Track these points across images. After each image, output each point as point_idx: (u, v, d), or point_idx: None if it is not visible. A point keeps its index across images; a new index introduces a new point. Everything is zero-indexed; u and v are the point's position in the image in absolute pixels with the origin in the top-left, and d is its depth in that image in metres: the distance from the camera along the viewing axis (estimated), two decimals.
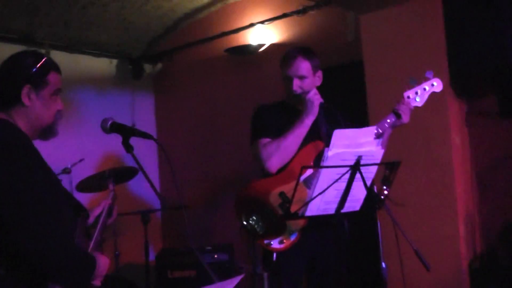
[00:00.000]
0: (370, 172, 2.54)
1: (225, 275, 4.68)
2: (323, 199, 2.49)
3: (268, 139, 2.94)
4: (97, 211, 2.44)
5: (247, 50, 5.10)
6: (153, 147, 6.14)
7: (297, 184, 2.40)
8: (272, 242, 2.86)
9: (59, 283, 1.96)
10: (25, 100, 2.08)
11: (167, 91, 6.13)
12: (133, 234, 5.47)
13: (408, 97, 2.95)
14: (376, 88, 3.96)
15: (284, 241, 2.87)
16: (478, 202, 4.10)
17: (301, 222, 2.84)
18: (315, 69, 3.04)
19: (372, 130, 2.50)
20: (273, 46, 5.07)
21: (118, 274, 4.77)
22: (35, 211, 1.89)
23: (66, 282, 1.97)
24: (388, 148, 3.82)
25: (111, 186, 3.41)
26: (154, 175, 6.11)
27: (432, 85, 2.97)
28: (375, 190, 2.71)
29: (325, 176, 2.42)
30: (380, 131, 2.90)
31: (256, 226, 2.88)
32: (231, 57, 5.34)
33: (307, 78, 2.99)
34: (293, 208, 2.44)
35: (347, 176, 2.46)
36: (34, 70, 2.12)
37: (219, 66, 5.54)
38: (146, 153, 6.05)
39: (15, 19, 4.90)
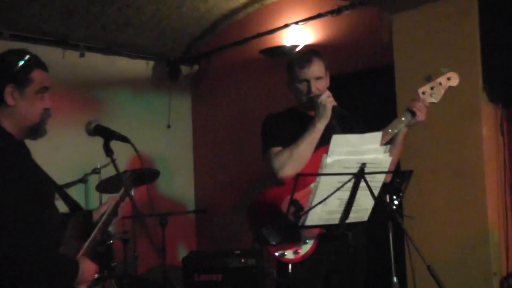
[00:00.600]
0: (377, 181, 2.39)
1: (252, 281, 4.66)
2: (324, 209, 2.36)
3: (279, 148, 2.82)
4: (103, 209, 2.40)
5: (281, 51, 5.01)
6: (190, 149, 6.15)
7: (292, 193, 2.29)
8: (286, 253, 2.73)
9: None
10: (8, 99, 2.07)
11: (204, 93, 6.11)
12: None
13: (423, 93, 2.78)
14: (407, 91, 3.75)
15: (299, 251, 2.73)
16: None
17: (315, 232, 2.70)
18: (327, 70, 2.92)
19: (377, 136, 2.33)
20: (307, 48, 4.94)
21: (141, 276, 4.78)
22: (4, 222, 1.86)
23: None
24: (414, 156, 3.67)
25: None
26: (190, 178, 6.10)
27: (448, 79, 2.79)
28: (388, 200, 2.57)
29: (326, 184, 2.29)
30: (396, 130, 2.76)
31: (269, 236, 2.76)
32: (266, 59, 5.25)
33: (322, 80, 2.86)
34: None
35: (350, 184, 2.33)
36: (16, 68, 2.09)
37: (254, 68, 5.46)
38: (182, 155, 6.07)
39: (51, 21, 4.99)
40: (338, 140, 2.26)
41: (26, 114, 2.12)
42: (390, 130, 2.78)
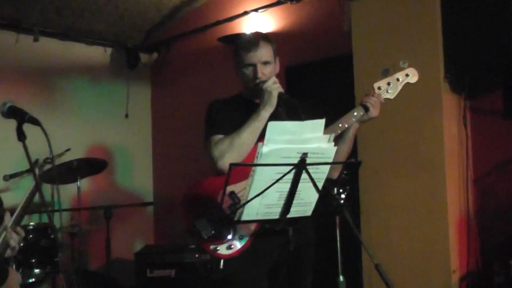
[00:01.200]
0: (321, 173, 2.22)
1: (206, 276, 4.48)
2: (262, 202, 2.18)
3: (220, 136, 2.64)
4: None
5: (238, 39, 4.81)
6: (148, 139, 5.94)
7: (225, 185, 2.12)
8: (218, 248, 2.57)
9: None
10: None
11: (163, 81, 5.91)
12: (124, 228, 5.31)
13: (379, 88, 2.63)
14: (365, 81, 3.60)
15: (232, 246, 2.57)
16: (477, 211, 3.69)
17: (252, 226, 2.54)
18: (275, 55, 2.74)
19: (320, 124, 2.16)
20: (269, 35, 4.76)
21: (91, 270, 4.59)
22: None
23: None
24: (372, 149, 3.52)
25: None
26: (148, 169, 5.89)
27: (407, 75, 2.64)
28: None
29: (262, 175, 2.11)
30: (346, 125, 2.61)
31: (202, 229, 2.58)
32: (226, 47, 5.05)
33: (270, 65, 2.69)
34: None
35: (291, 176, 2.15)
36: None
37: (213, 56, 5.27)
38: (140, 145, 5.85)
39: (3, 4, 4.73)
40: (275, 127, 2.08)
41: None
42: (340, 125, 2.63)
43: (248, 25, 4.87)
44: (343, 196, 2.36)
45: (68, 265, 4.31)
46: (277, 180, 2.13)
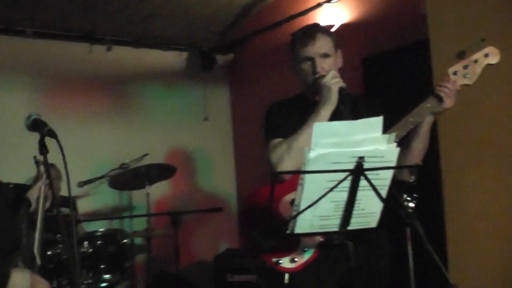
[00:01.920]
0: (383, 179, 1.95)
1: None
2: (316, 214, 1.96)
3: (279, 140, 2.46)
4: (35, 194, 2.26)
5: None
6: (229, 142, 5.86)
7: (271, 194, 1.93)
8: (281, 261, 2.38)
9: None
10: None
11: (241, 82, 5.80)
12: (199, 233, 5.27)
13: (455, 73, 2.32)
14: (443, 68, 3.20)
15: (296, 260, 2.37)
16: None
17: (317, 239, 2.33)
18: (336, 46, 2.53)
19: (376, 122, 1.89)
20: (343, 27, 4.50)
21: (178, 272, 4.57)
22: None
23: None
24: (455, 143, 3.13)
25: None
26: (229, 172, 5.80)
27: (486, 55, 2.30)
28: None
29: (312, 184, 1.88)
30: (419, 119, 2.33)
31: (262, 240, 2.41)
32: None
33: (330, 57, 2.48)
34: None
35: (347, 184, 1.91)
36: None
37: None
38: (221, 148, 5.78)
39: (74, 17, 4.84)
40: (321, 129, 1.85)
41: None
42: (411, 119, 2.34)
43: (322, 18, 4.62)
44: (411, 204, 2.08)
45: (151, 268, 4.33)
46: (331, 189, 1.89)
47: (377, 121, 1.89)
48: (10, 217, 2.02)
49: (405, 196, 2.11)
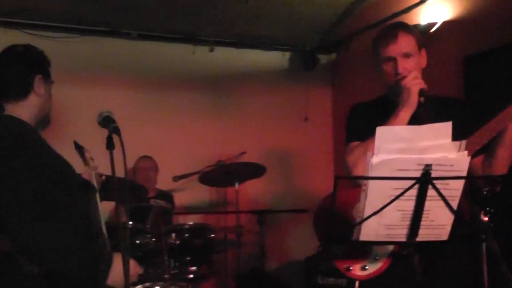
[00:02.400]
0: (453, 189, 1.81)
1: None
2: (381, 222, 1.86)
3: (357, 143, 2.38)
4: None
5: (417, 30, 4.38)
6: (329, 142, 5.79)
7: (332, 200, 1.85)
8: (352, 268, 2.31)
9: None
10: (38, 88, 2.06)
11: (344, 81, 5.70)
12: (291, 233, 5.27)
13: None
14: None
15: (367, 267, 2.28)
16: None
17: (390, 247, 2.23)
18: (419, 45, 2.39)
19: (445, 127, 1.75)
20: (446, 24, 4.26)
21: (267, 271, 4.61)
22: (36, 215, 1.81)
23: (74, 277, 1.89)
24: None
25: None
26: (329, 172, 5.72)
27: None
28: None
29: (376, 191, 1.80)
30: (504, 125, 2.13)
31: (334, 246, 2.36)
32: None
33: (413, 57, 2.35)
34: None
35: (414, 193, 1.80)
36: (45, 61, 2.11)
37: None
38: (321, 149, 5.72)
39: (179, 20, 5.02)
40: (384, 134, 1.75)
41: (45, 105, 2.11)
42: (495, 125, 2.14)
43: (425, 15, 4.40)
44: (485, 218, 1.90)
45: (240, 264, 4.40)
46: (397, 197, 1.79)
47: (446, 127, 1.76)
48: (87, 203, 2.14)
49: (479, 208, 1.94)
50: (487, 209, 1.89)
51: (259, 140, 5.37)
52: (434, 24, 4.30)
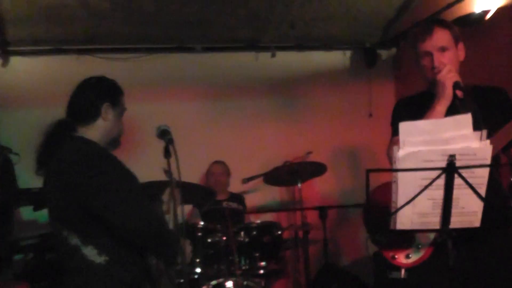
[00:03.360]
0: (479, 177, 1.92)
1: None
2: (415, 210, 2.00)
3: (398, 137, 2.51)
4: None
5: (469, 20, 4.36)
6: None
7: (367, 192, 2.00)
8: (397, 256, 2.46)
9: (153, 254, 2.26)
10: (104, 114, 2.36)
11: (405, 75, 5.70)
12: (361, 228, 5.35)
13: None
14: None
15: (411, 256, 2.42)
16: None
17: (431, 236, 2.35)
18: (456, 39, 2.49)
19: (465, 119, 1.86)
20: (500, 11, 4.22)
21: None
22: (126, 200, 2.17)
23: (156, 251, 2.24)
24: None
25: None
26: None
27: None
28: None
29: (406, 182, 1.94)
30: None
31: (381, 235, 2.51)
32: (459, 30, 4.63)
33: (448, 51, 2.46)
34: None
35: (441, 182, 1.92)
36: (113, 90, 2.42)
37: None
38: (386, 145, 5.75)
39: (241, 29, 5.25)
40: (407, 128, 1.90)
41: (112, 129, 2.41)
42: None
43: (478, 3, 4.35)
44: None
45: (310, 259, 4.57)
46: (426, 187, 1.93)
47: (467, 118, 1.87)
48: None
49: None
50: None
51: (325, 138, 5.51)
52: (488, 11, 4.27)
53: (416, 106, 2.59)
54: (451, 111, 2.33)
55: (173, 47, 5.25)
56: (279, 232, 3.90)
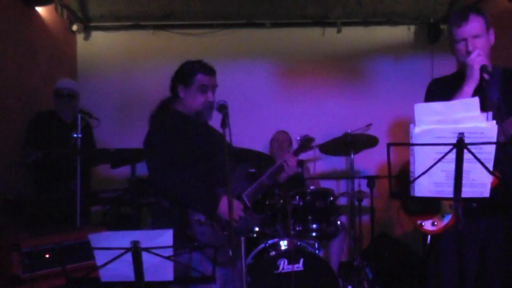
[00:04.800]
0: (487, 153, 2.16)
1: None
2: (431, 180, 2.28)
3: None
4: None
5: None
6: None
7: (388, 163, 2.29)
8: (424, 223, 2.73)
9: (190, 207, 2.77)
10: (180, 94, 2.98)
11: None
12: None
13: None
14: None
15: (436, 223, 2.68)
16: None
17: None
18: (488, 26, 2.69)
19: (473, 102, 2.10)
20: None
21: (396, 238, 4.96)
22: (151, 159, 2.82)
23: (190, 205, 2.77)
24: None
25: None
26: None
27: None
28: None
29: (422, 155, 2.22)
30: None
31: (411, 204, 2.79)
32: None
33: (481, 37, 2.66)
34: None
35: (453, 156, 2.19)
36: (184, 73, 2.97)
37: (506, 19, 4.89)
38: None
39: (310, 6, 5.53)
40: (422, 109, 2.17)
41: (190, 104, 2.97)
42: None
43: None
44: None
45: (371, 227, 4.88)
46: (439, 160, 2.20)
47: (474, 101, 2.11)
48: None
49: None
50: None
51: (386, 112, 5.72)
52: None
53: (447, 86, 2.81)
54: (478, 92, 2.55)
55: (244, 23, 5.59)
56: (331, 198, 4.21)
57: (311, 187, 4.28)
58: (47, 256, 3.05)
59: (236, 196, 2.96)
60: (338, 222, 4.26)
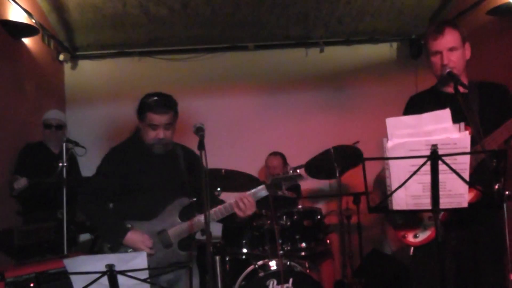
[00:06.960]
0: (462, 163, 2.19)
1: None
2: (408, 193, 2.30)
3: None
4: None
5: (506, 9, 4.47)
6: None
7: (364, 178, 2.31)
8: (406, 235, 2.75)
9: None
10: (139, 125, 3.09)
11: None
12: None
13: None
14: None
15: (418, 235, 2.70)
16: None
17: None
18: (464, 39, 2.72)
19: (444, 114, 2.13)
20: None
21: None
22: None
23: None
24: None
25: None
26: None
27: None
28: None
29: (397, 168, 2.24)
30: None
31: (395, 216, 2.80)
32: (496, 19, 4.75)
33: (456, 51, 2.69)
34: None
35: (428, 168, 2.21)
36: (138, 109, 3.07)
37: (485, 32, 4.97)
38: None
39: (292, 27, 5.62)
40: (393, 123, 2.20)
41: (143, 136, 3.08)
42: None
43: None
44: (496, 187, 2.21)
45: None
46: (414, 173, 2.22)
47: (446, 113, 2.15)
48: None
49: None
50: (497, 177, 2.20)
51: (372, 129, 5.72)
52: None
53: (424, 101, 2.86)
54: (454, 106, 2.58)
55: (228, 46, 5.68)
56: (319, 217, 4.21)
57: (298, 207, 4.28)
58: (31, 285, 3.07)
59: (158, 231, 2.98)
60: (328, 241, 4.26)
